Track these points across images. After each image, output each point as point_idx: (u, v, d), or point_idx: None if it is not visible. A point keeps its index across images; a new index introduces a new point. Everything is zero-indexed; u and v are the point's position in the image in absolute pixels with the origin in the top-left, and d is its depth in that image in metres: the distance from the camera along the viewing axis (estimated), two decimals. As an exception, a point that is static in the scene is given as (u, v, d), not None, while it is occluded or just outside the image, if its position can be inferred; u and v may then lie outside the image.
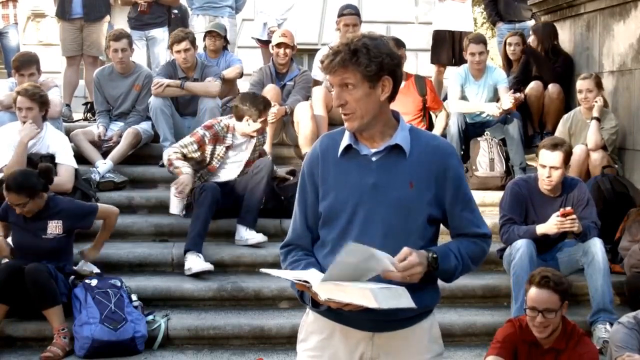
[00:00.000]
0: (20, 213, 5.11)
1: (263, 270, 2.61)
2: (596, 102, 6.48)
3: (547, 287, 4.09)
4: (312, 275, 2.46)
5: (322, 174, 2.62)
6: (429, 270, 2.50)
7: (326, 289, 2.37)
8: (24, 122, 5.98)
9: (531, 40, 7.80)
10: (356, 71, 2.49)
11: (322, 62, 2.56)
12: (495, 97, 7.18)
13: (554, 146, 5.23)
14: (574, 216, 5.08)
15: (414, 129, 2.66)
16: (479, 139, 6.98)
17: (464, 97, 7.20)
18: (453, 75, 7.40)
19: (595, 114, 6.46)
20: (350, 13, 7.48)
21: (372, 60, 2.49)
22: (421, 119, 7.14)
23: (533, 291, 4.11)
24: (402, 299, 2.39)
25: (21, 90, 6.01)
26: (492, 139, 6.94)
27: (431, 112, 7.39)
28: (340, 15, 7.49)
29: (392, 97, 2.59)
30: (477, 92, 7.18)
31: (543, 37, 7.62)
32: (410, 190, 2.55)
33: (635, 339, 4.13)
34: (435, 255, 2.52)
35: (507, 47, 8.16)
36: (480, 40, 7.17)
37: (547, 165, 5.22)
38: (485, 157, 6.86)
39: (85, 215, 5.35)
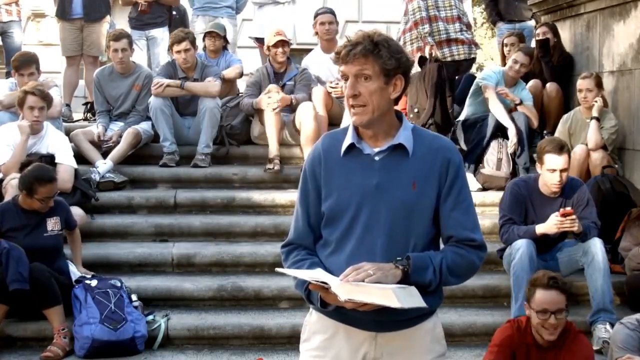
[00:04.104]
0: (43, 209, 5.12)
1: (279, 270, 2.60)
2: (596, 101, 6.48)
3: (555, 288, 4.09)
4: (325, 276, 2.46)
5: (325, 174, 2.62)
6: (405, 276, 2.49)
7: (346, 290, 2.38)
8: (36, 121, 6.00)
9: (550, 36, 7.67)
10: (375, 63, 2.50)
11: (337, 52, 2.56)
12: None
13: (561, 149, 5.23)
14: (573, 216, 5.08)
15: (417, 128, 2.66)
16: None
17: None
18: (490, 73, 7.25)
19: (594, 113, 6.46)
20: (325, 12, 7.78)
21: (392, 55, 2.51)
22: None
23: (542, 293, 4.08)
24: (415, 299, 2.42)
25: (35, 91, 6.03)
26: (502, 140, 6.91)
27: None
28: (316, 15, 7.77)
29: (398, 99, 2.60)
30: (502, 99, 7.12)
31: (557, 34, 7.61)
32: (413, 191, 2.55)
33: (636, 340, 4.13)
34: (405, 269, 2.48)
35: (504, 47, 8.15)
36: (528, 53, 7.16)
37: (557, 169, 5.21)
38: (494, 157, 6.83)
39: (69, 211, 5.41)
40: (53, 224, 5.19)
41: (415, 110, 6.99)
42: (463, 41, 7.26)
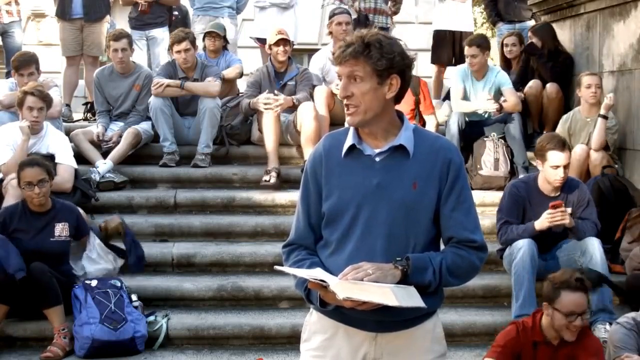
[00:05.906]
0: (33, 198, 5.08)
1: (277, 267, 2.61)
2: (606, 98, 6.43)
3: (582, 290, 4.07)
4: (324, 274, 2.46)
5: (326, 174, 2.62)
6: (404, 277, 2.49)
7: (345, 288, 2.38)
8: (36, 121, 6.00)
9: (534, 41, 7.71)
10: (366, 64, 2.51)
11: (333, 53, 2.58)
12: (499, 98, 7.14)
13: (563, 145, 5.26)
14: (563, 208, 5.10)
15: (418, 129, 2.67)
16: (485, 138, 6.95)
17: (465, 97, 7.17)
18: (455, 74, 7.40)
19: (603, 111, 6.42)
20: (342, 12, 7.68)
21: (383, 56, 2.51)
22: (413, 118, 7.12)
23: (569, 295, 4.02)
24: (414, 298, 2.42)
25: (35, 91, 6.04)
26: (498, 139, 6.91)
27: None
28: (332, 16, 7.68)
29: (398, 98, 2.60)
30: (480, 92, 7.13)
31: (546, 38, 7.61)
32: (414, 191, 2.55)
33: (633, 339, 4.14)
34: (405, 269, 2.48)
35: (504, 47, 8.15)
36: (474, 43, 7.08)
37: (560, 165, 5.22)
38: (491, 157, 6.84)
39: (79, 217, 5.39)
40: (61, 230, 5.18)
41: None
42: (383, 11, 8.27)
